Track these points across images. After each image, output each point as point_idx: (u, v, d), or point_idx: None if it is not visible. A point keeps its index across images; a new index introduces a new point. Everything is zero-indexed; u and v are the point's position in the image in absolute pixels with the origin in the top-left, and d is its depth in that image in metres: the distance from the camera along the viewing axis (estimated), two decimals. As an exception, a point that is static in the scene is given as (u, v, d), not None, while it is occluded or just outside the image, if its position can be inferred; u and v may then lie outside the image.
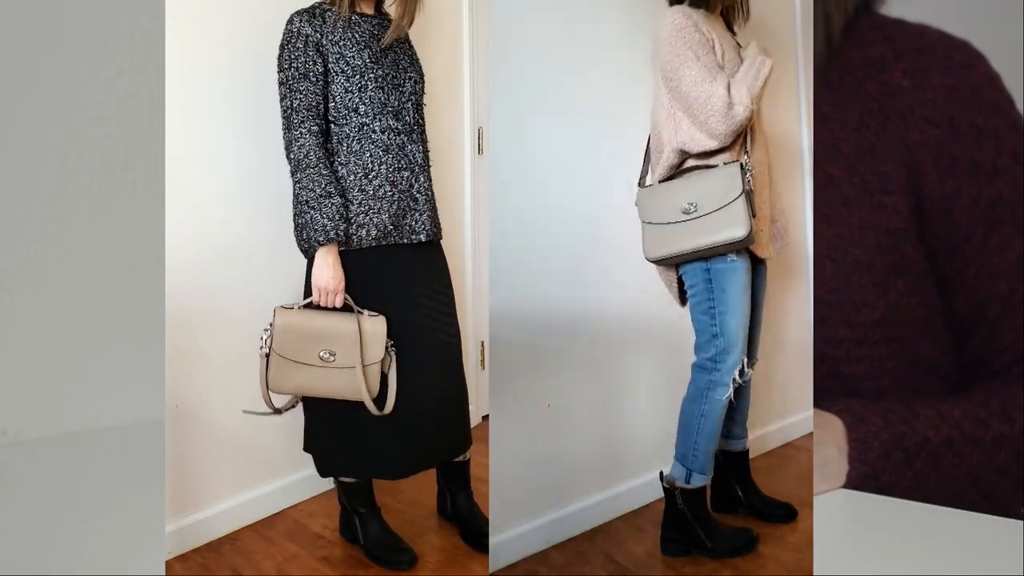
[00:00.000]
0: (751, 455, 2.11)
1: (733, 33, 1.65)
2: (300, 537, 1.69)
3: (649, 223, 1.56)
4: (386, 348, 1.45)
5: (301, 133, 1.43)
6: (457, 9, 2.31)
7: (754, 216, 1.45)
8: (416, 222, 1.51)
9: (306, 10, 1.48)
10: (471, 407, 2.38)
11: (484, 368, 2.40)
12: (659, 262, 1.59)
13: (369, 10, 1.54)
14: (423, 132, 1.58)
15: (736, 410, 1.74)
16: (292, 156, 1.45)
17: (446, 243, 1.64)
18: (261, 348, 1.44)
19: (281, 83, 1.46)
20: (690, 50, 1.46)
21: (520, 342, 1.70)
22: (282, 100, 1.46)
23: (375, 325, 1.45)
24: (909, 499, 0.94)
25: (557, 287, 1.75)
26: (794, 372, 2.28)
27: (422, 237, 1.51)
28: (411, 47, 1.59)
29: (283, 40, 1.46)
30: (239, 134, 1.71)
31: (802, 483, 1.98)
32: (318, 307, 1.46)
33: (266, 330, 1.45)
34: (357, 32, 1.48)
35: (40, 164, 1.52)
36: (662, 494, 1.91)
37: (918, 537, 0.85)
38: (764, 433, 2.20)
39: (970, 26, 1.09)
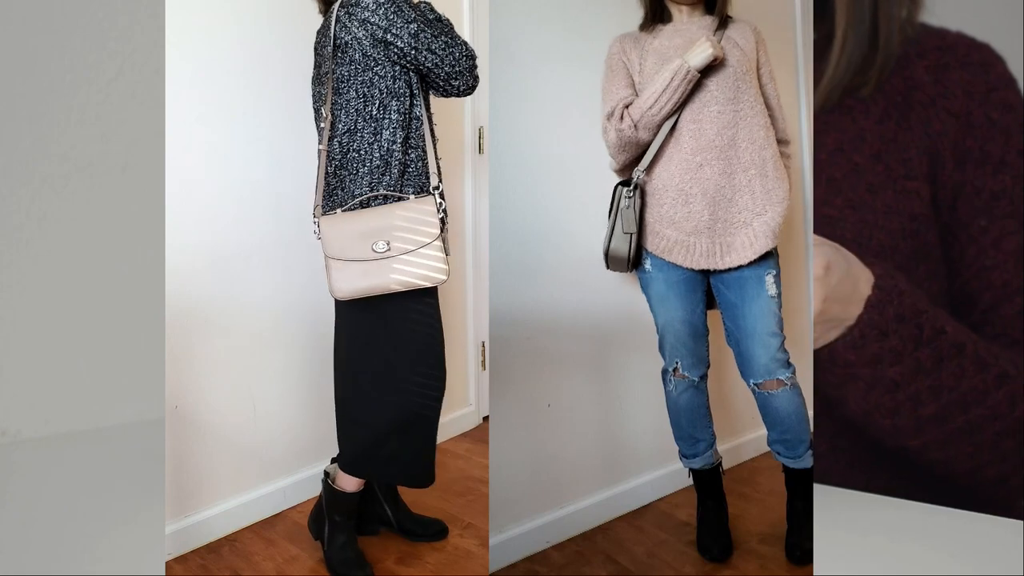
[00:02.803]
0: (752, 455, 2.12)
1: (722, 27, 1.58)
2: (300, 538, 1.69)
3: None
4: (442, 224, 1.39)
5: None
6: (457, 9, 2.31)
7: (631, 232, 1.57)
8: None
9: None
10: (471, 407, 2.39)
11: (484, 368, 2.40)
12: (610, 270, 1.70)
13: None
14: None
15: (767, 424, 1.62)
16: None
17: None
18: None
19: None
20: (606, 79, 1.62)
21: (520, 342, 1.70)
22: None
23: (424, 204, 1.39)
24: (901, 389, 0.93)
25: (557, 287, 1.75)
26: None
27: None
28: None
29: None
30: (239, 136, 1.71)
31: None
32: (360, 207, 1.41)
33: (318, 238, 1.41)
34: None
35: (40, 164, 1.52)
36: (662, 493, 1.92)
37: (918, 537, 0.85)
38: (764, 433, 2.20)
39: (1002, 35, 1.13)
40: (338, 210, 1.41)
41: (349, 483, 1.54)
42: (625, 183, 1.60)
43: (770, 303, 1.55)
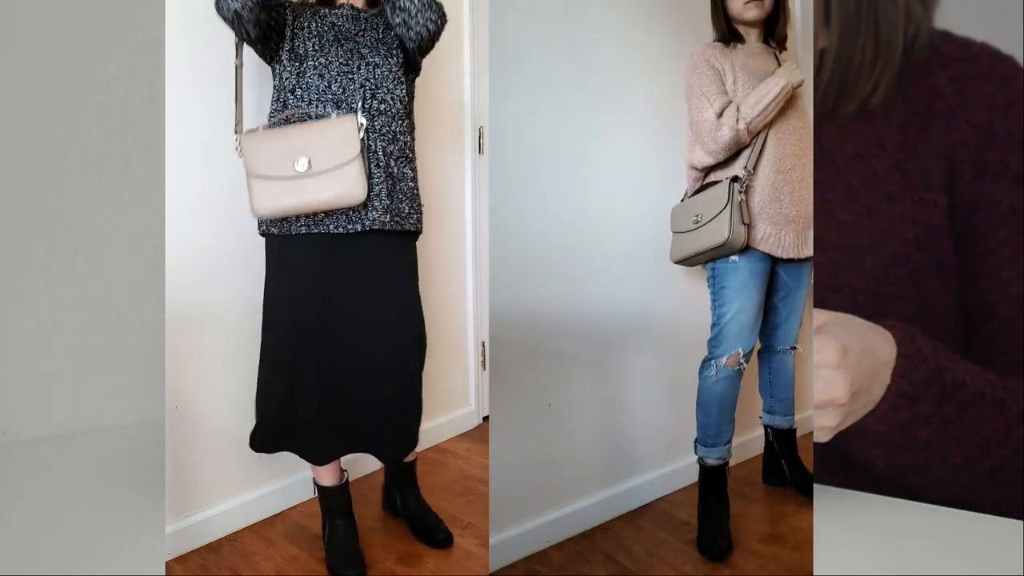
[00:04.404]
0: (753, 454, 2.12)
1: (778, 52, 1.82)
2: (300, 538, 1.69)
3: (674, 232, 1.83)
4: (361, 146, 1.35)
5: None
6: (457, 9, 2.31)
7: (747, 224, 1.68)
8: (355, 212, 1.44)
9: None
10: (471, 407, 2.39)
11: (484, 368, 2.40)
12: (677, 263, 1.83)
13: (356, 1, 1.55)
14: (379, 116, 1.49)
15: (772, 390, 1.94)
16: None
17: (446, 243, 1.63)
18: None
19: None
20: (697, 83, 1.73)
21: (520, 342, 1.70)
22: None
23: (345, 122, 1.37)
24: (928, 447, 0.91)
25: (557, 287, 1.75)
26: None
27: (358, 227, 1.45)
28: (386, 29, 1.54)
29: None
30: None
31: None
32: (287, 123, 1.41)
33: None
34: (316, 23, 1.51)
35: (40, 164, 1.52)
36: (662, 493, 1.92)
37: (918, 537, 0.85)
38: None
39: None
40: (259, 127, 1.41)
41: (320, 477, 1.58)
42: (735, 179, 1.70)
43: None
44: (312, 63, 1.46)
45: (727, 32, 1.80)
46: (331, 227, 1.44)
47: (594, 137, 1.81)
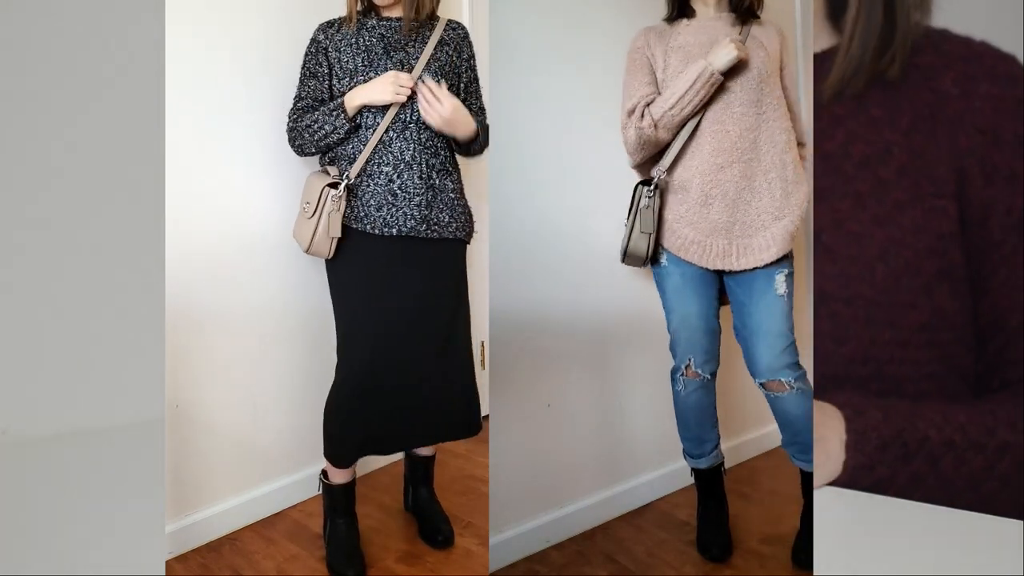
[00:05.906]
0: (752, 455, 2.13)
1: (744, 23, 1.57)
2: (300, 537, 1.69)
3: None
4: (319, 193, 1.49)
5: (295, 116, 1.57)
6: (457, 9, 2.31)
7: (649, 232, 1.56)
8: (391, 216, 1.50)
9: (327, 21, 1.57)
10: (471, 407, 2.38)
11: (484, 368, 2.40)
12: (623, 263, 1.71)
13: (394, 12, 1.55)
14: (424, 130, 1.54)
15: (779, 425, 1.59)
16: (289, 135, 1.59)
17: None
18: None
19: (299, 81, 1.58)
20: (628, 74, 1.60)
21: (520, 342, 1.70)
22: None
23: (317, 178, 1.53)
24: (906, 497, 0.93)
25: (557, 287, 1.75)
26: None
27: (393, 231, 1.50)
28: (439, 46, 1.56)
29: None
30: (240, 134, 1.71)
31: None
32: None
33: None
34: (361, 38, 1.53)
35: (40, 164, 1.52)
36: (662, 493, 1.93)
37: (918, 537, 0.85)
38: (765, 432, 2.20)
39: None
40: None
41: (334, 475, 1.60)
42: (645, 182, 1.57)
43: (777, 302, 1.53)
44: (363, 78, 1.50)
45: (674, 5, 1.61)
46: (367, 227, 1.50)
47: (594, 137, 1.81)
